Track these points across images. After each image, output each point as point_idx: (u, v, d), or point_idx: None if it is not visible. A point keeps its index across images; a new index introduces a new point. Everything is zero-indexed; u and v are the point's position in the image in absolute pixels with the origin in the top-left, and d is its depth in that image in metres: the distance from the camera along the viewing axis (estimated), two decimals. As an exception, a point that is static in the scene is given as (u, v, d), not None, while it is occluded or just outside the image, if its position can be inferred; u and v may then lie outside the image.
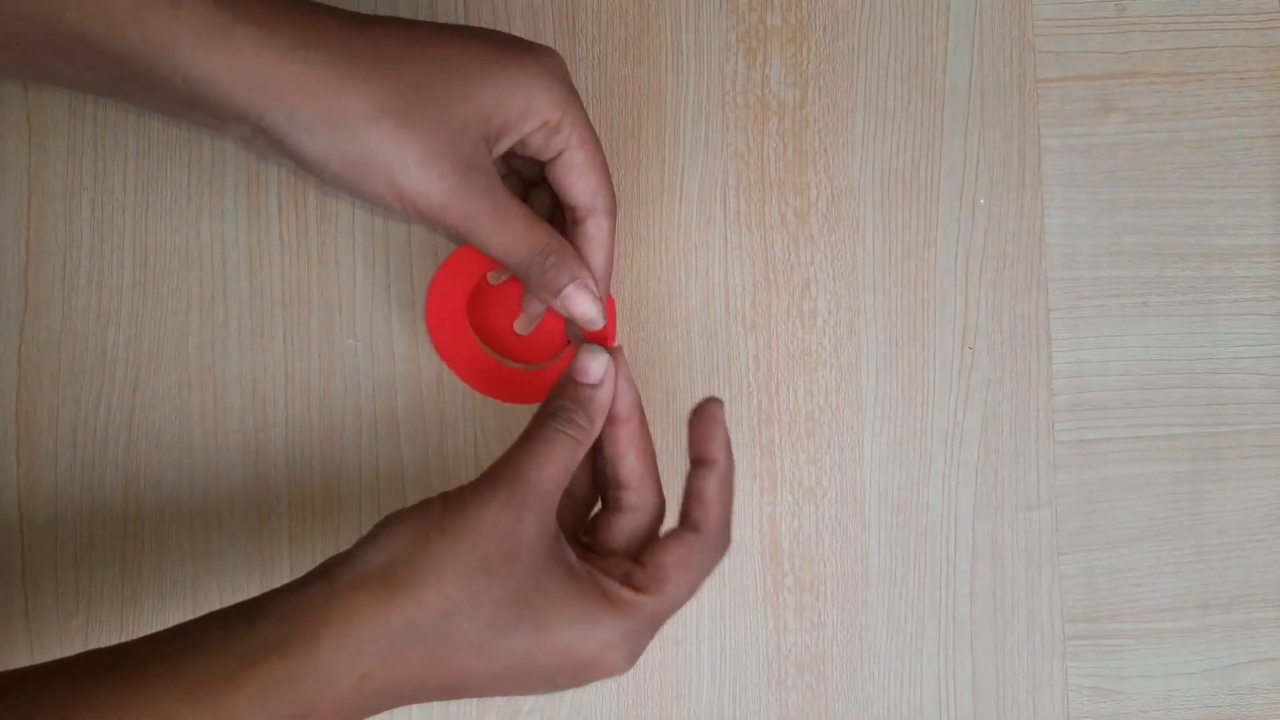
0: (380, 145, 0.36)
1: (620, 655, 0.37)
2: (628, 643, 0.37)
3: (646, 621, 0.37)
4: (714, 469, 0.39)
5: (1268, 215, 0.50)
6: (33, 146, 0.47)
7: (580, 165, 0.40)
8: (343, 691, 0.33)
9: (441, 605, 0.34)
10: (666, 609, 0.37)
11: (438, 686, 0.35)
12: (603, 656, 0.36)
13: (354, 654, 0.33)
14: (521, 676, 0.36)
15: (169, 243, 0.47)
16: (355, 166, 0.37)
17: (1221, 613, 0.50)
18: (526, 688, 0.37)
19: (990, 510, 0.49)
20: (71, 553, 0.46)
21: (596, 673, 0.37)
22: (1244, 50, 0.50)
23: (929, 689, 0.49)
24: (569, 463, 0.37)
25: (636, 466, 0.40)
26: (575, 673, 0.36)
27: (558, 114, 0.39)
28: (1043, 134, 0.50)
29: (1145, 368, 0.50)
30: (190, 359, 0.47)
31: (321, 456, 0.47)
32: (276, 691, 0.32)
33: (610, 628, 0.36)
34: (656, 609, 0.37)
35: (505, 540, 0.35)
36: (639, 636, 0.37)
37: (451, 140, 0.37)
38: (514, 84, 0.38)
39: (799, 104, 0.49)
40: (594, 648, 0.36)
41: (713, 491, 0.39)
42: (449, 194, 0.37)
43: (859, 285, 0.49)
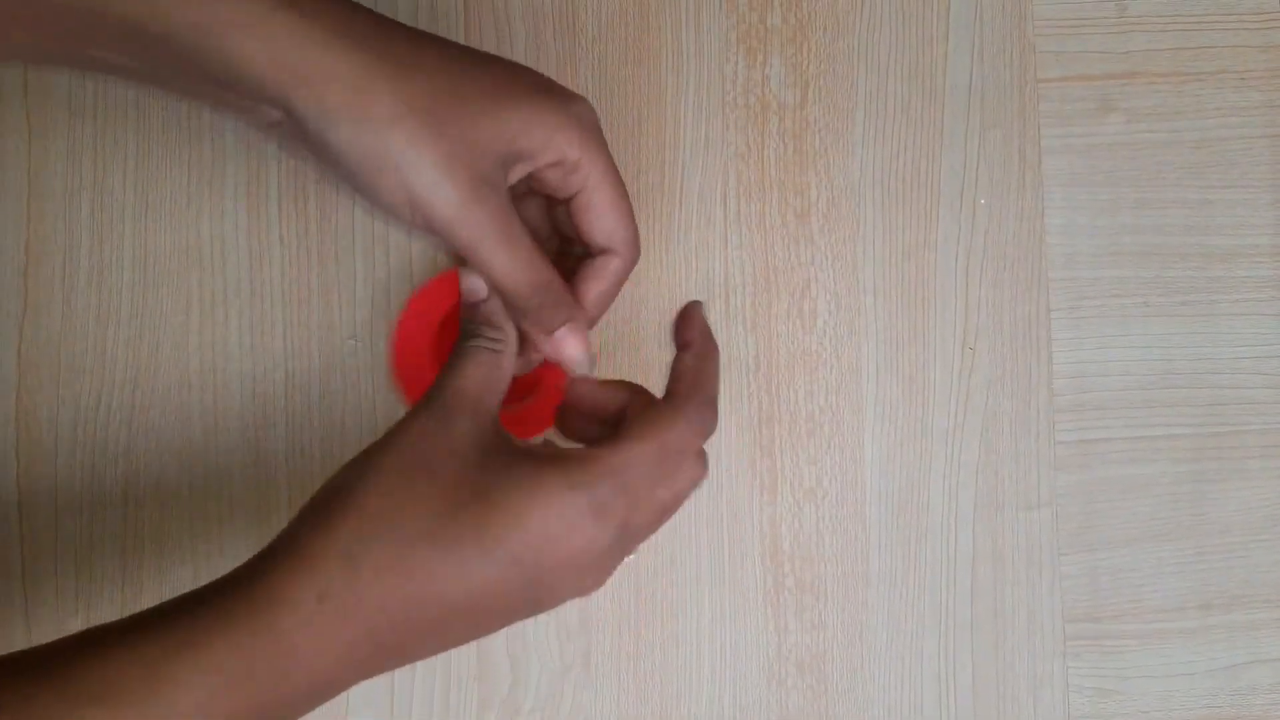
0: (400, 146, 0.36)
1: (581, 513, 0.35)
2: (582, 495, 0.35)
3: (604, 473, 0.35)
4: (688, 349, 0.40)
5: (1268, 215, 0.50)
6: (33, 146, 0.47)
7: (597, 206, 0.40)
8: (304, 617, 0.32)
9: (381, 507, 0.34)
10: (628, 460, 0.36)
11: (406, 600, 0.34)
12: (560, 518, 0.35)
13: (305, 572, 0.33)
14: (484, 560, 0.34)
15: (169, 243, 0.47)
16: (373, 163, 0.36)
17: (1223, 613, 0.49)
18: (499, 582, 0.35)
19: (990, 510, 0.49)
20: (71, 553, 0.46)
21: (565, 545, 0.35)
22: (1244, 50, 0.50)
23: (929, 689, 0.48)
24: (490, 368, 0.37)
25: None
26: (541, 545, 0.35)
27: (576, 153, 0.39)
28: (1043, 134, 0.50)
29: (1146, 368, 0.50)
30: (190, 359, 0.47)
31: (321, 456, 0.47)
32: (237, 619, 0.32)
33: (558, 482, 0.35)
34: (613, 460, 0.36)
35: (436, 441, 0.35)
36: (597, 490, 0.35)
37: (471, 154, 0.37)
38: (539, 117, 0.38)
39: (799, 104, 0.49)
40: (548, 509, 0.35)
41: (684, 365, 0.39)
42: (459, 207, 0.37)
43: (859, 286, 0.49)
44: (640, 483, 0.36)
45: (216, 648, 0.31)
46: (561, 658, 0.47)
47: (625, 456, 0.36)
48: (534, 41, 0.49)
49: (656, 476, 0.37)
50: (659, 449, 0.37)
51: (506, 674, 0.47)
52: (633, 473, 0.36)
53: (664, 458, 0.37)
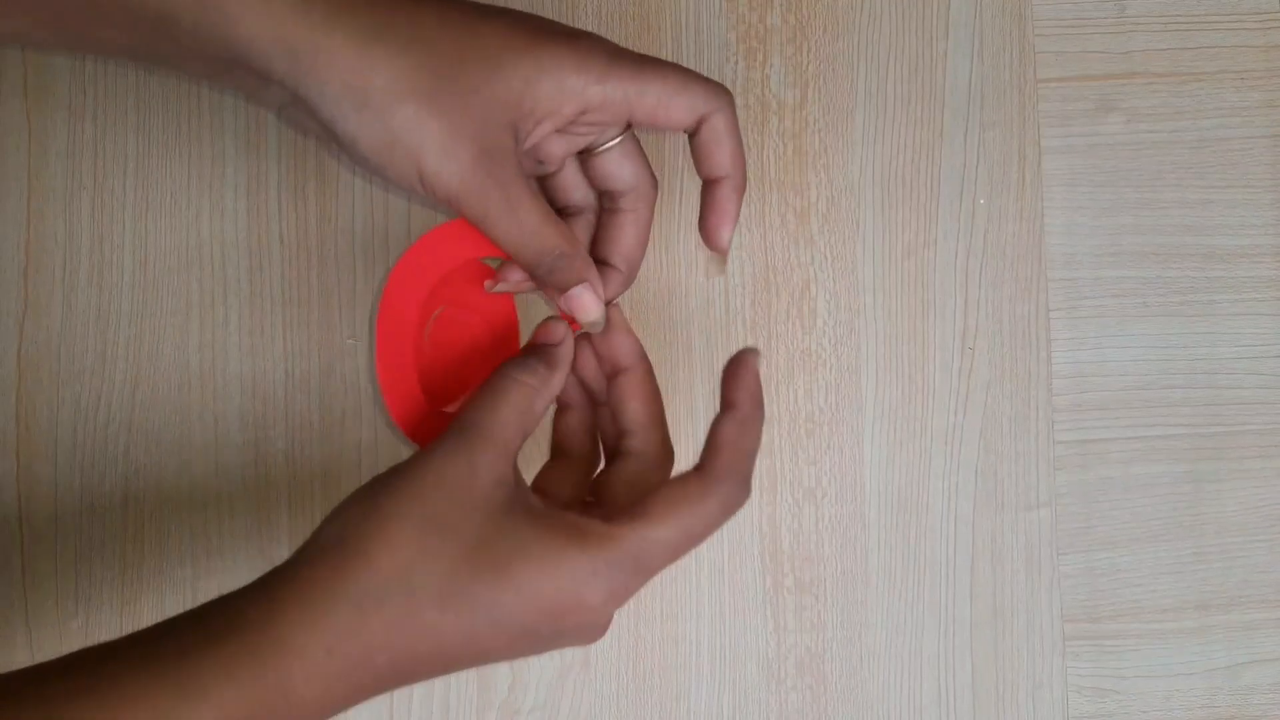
0: (405, 127, 0.36)
1: (595, 593, 0.34)
2: (601, 579, 0.34)
3: (624, 557, 0.34)
4: (732, 414, 0.37)
5: (1268, 215, 0.50)
6: (33, 146, 0.47)
7: (654, 103, 0.39)
8: (310, 667, 0.32)
9: (395, 563, 0.33)
10: (649, 546, 0.35)
11: (413, 655, 0.34)
12: (575, 595, 0.34)
13: (315, 626, 0.32)
14: (494, 627, 0.34)
15: (169, 243, 0.47)
16: (383, 148, 0.36)
17: (1222, 613, 0.49)
18: (506, 645, 0.35)
19: (990, 510, 0.49)
20: (71, 553, 0.46)
21: (571, 616, 0.34)
22: (1244, 50, 0.50)
23: (929, 689, 0.49)
24: (524, 410, 0.37)
25: (639, 412, 0.39)
26: (552, 619, 0.34)
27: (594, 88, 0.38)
28: (1043, 134, 0.50)
29: (1145, 368, 0.50)
30: (190, 359, 0.47)
31: (321, 457, 0.47)
32: (242, 667, 0.31)
33: (578, 561, 0.34)
34: (636, 544, 0.34)
35: (456, 490, 0.34)
36: (615, 573, 0.34)
37: (474, 125, 0.37)
38: (544, 67, 0.37)
39: (799, 104, 0.49)
40: (563, 586, 0.34)
41: (725, 434, 0.36)
42: (462, 180, 0.37)
43: (859, 285, 0.49)
44: (658, 565, 0.35)
45: (223, 698, 0.31)
46: (561, 658, 0.48)
47: (650, 543, 0.35)
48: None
49: (675, 557, 0.36)
50: (684, 536, 0.35)
51: (506, 674, 0.47)
52: (654, 559, 0.35)
53: (688, 542, 0.36)
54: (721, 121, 0.39)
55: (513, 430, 0.36)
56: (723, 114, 0.39)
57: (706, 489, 0.36)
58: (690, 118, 0.39)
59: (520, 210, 0.38)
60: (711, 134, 0.39)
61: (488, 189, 0.37)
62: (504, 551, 0.34)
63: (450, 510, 0.34)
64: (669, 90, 0.38)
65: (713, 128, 0.39)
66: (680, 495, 0.35)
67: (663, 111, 0.39)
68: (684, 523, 0.35)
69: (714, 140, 0.39)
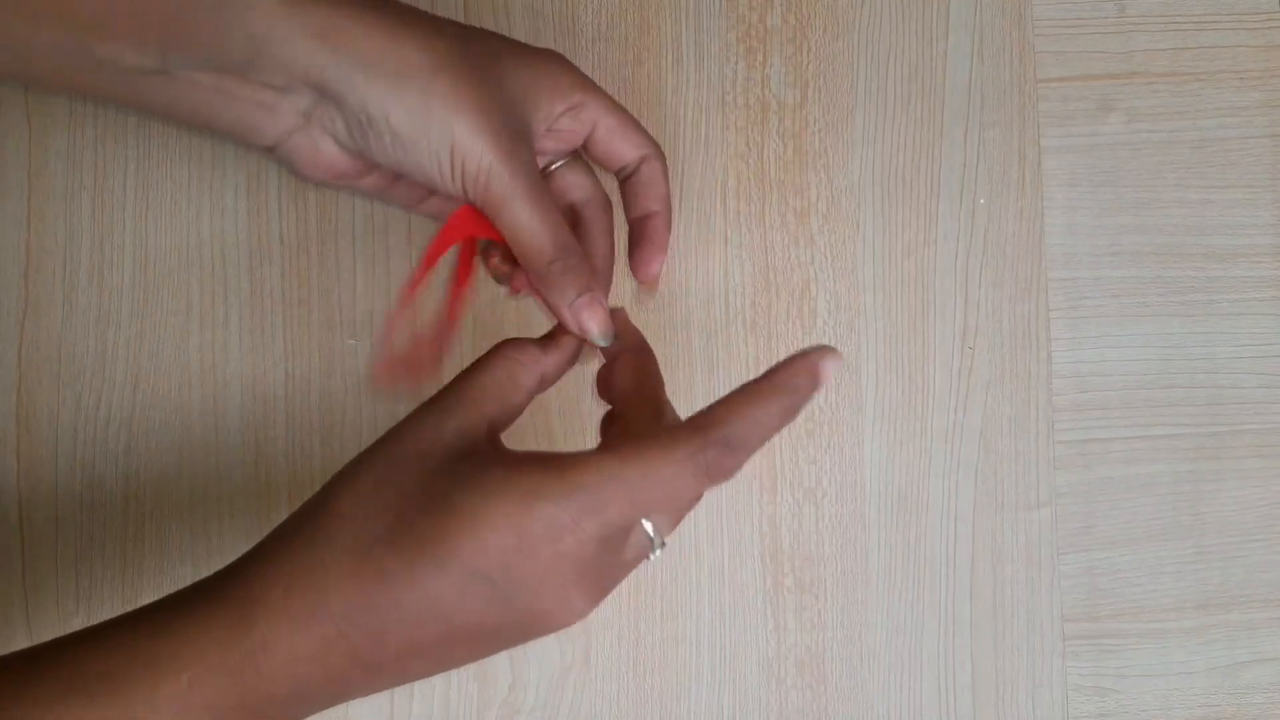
0: (440, 97, 0.37)
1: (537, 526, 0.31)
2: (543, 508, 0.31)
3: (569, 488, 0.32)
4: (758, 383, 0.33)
5: (1268, 215, 0.50)
6: (33, 146, 0.47)
7: (616, 126, 0.42)
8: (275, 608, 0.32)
9: (350, 509, 0.33)
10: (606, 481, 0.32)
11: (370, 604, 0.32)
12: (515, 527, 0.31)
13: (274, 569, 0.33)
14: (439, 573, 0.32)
15: (169, 243, 0.47)
16: (419, 117, 0.37)
17: (1222, 612, 0.50)
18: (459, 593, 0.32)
19: (990, 510, 0.49)
20: (71, 553, 0.46)
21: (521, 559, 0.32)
22: (1244, 50, 0.50)
23: (929, 689, 0.49)
24: (506, 379, 0.36)
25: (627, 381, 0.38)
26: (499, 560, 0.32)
27: (579, 94, 0.40)
28: (1043, 134, 0.50)
29: (1145, 368, 0.50)
30: (190, 359, 0.47)
31: (321, 456, 0.47)
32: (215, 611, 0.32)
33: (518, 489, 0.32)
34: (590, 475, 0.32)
35: (419, 442, 0.34)
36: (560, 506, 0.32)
37: (503, 107, 0.38)
38: (538, 67, 0.40)
39: (799, 104, 0.49)
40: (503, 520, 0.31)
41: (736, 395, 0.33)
42: (495, 160, 0.37)
43: (859, 285, 0.49)
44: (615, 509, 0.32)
45: (195, 640, 0.32)
46: (561, 658, 0.48)
47: (603, 477, 0.32)
48: (534, 41, 0.48)
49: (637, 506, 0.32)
50: (646, 480, 0.32)
51: (506, 674, 0.47)
52: (607, 499, 0.32)
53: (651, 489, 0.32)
54: (660, 166, 0.43)
55: (489, 395, 0.36)
56: (660, 160, 0.43)
57: (677, 437, 0.32)
58: (636, 154, 0.43)
59: (544, 201, 0.39)
60: (651, 174, 0.43)
61: (517, 169, 0.38)
62: (450, 491, 0.32)
63: (407, 458, 0.34)
64: (625, 119, 0.42)
65: (652, 169, 0.43)
66: (650, 439, 0.32)
67: (618, 137, 0.42)
68: (647, 464, 0.32)
69: (652, 181, 0.43)
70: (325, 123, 0.38)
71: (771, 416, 0.34)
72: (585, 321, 0.39)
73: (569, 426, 0.48)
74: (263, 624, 0.32)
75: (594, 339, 0.40)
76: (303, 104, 0.37)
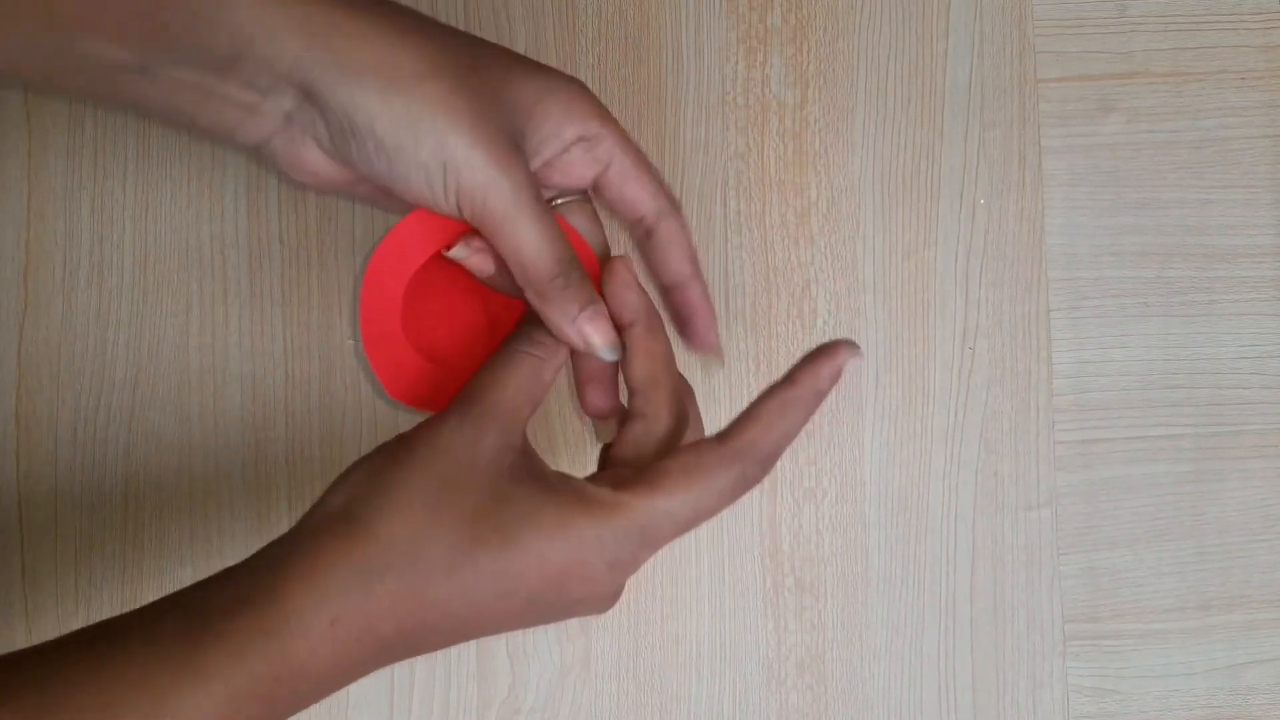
0: (433, 106, 0.34)
1: (600, 562, 0.34)
2: (608, 549, 0.34)
3: (631, 528, 0.34)
4: (783, 389, 0.35)
5: (1268, 215, 0.50)
6: (33, 146, 0.47)
7: (632, 171, 0.38)
8: (317, 640, 0.32)
9: (401, 534, 0.33)
10: (656, 516, 0.34)
11: (420, 625, 0.33)
12: (581, 564, 0.33)
13: (320, 598, 0.32)
14: (500, 597, 0.33)
15: (169, 243, 0.47)
16: (406, 128, 0.34)
17: (1223, 613, 0.49)
18: (512, 614, 0.34)
19: (990, 510, 0.49)
20: (71, 553, 0.46)
21: (578, 585, 0.34)
22: (1244, 50, 0.50)
23: (929, 689, 0.48)
24: (532, 381, 0.36)
25: (642, 370, 0.38)
26: (557, 587, 0.34)
27: (595, 124, 0.38)
28: (1043, 134, 0.50)
29: (1146, 368, 0.50)
30: (190, 359, 0.47)
31: (321, 457, 0.47)
32: (248, 644, 0.31)
33: (585, 530, 0.33)
34: (644, 514, 0.34)
35: (461, 460, 0.34)
36: (622, 543, 0.34)
37: (500, 118, 0.35)
38: (552, 87, 0.37)
39: (799, 104, 0.49)
40: (569, 555, 0.33)
41: (765, 407, 0.35)
42: (494, 172, 0.35)
43: (859, 285, 0.49)
44: (666, 537, 0.35)
45: (226, 673, 0.31)
46: (561, 658, 0.47)
47: (658, 514, 0.34)
48: (534, 41, 0.49)
49: (684, 529, 0.35)
50: (694, 509, 0.34)
51: (506, 674, 0.47)
52: (661, 531, 0.34)
53: (697, 516, 0.35)
54: (679, 221, 0.40)
55: (521, 400, 0.36)
56: (679, 214, 0.40)
57: (723, 463, 0.34)
58: (652, 206, 0.39)
59: (542, 212, 0.36)
60: (672, 232, 0.40)
61: (519, 184, 0.35)
62: (510, 519, 0.33)
63: (456, 479, 0.33)
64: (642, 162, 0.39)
65: (672, 227, 0.40)
66: (694, 466, 0.34)
67: (633, 183, 0.39)
68: (694, 496, 0.34)
69: (674, 240, 0.40)
70: (307, 126, 0.36)
71: (800, 423, 0.35)
72: (590, 336, 0.38)
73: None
74: (304, 655, 0.32)
75: (600, 354, 0.38)
76: (286, 105, 0.35)
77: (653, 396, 0.38)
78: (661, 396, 0.38)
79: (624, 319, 0.38)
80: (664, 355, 0.39)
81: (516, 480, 0.34)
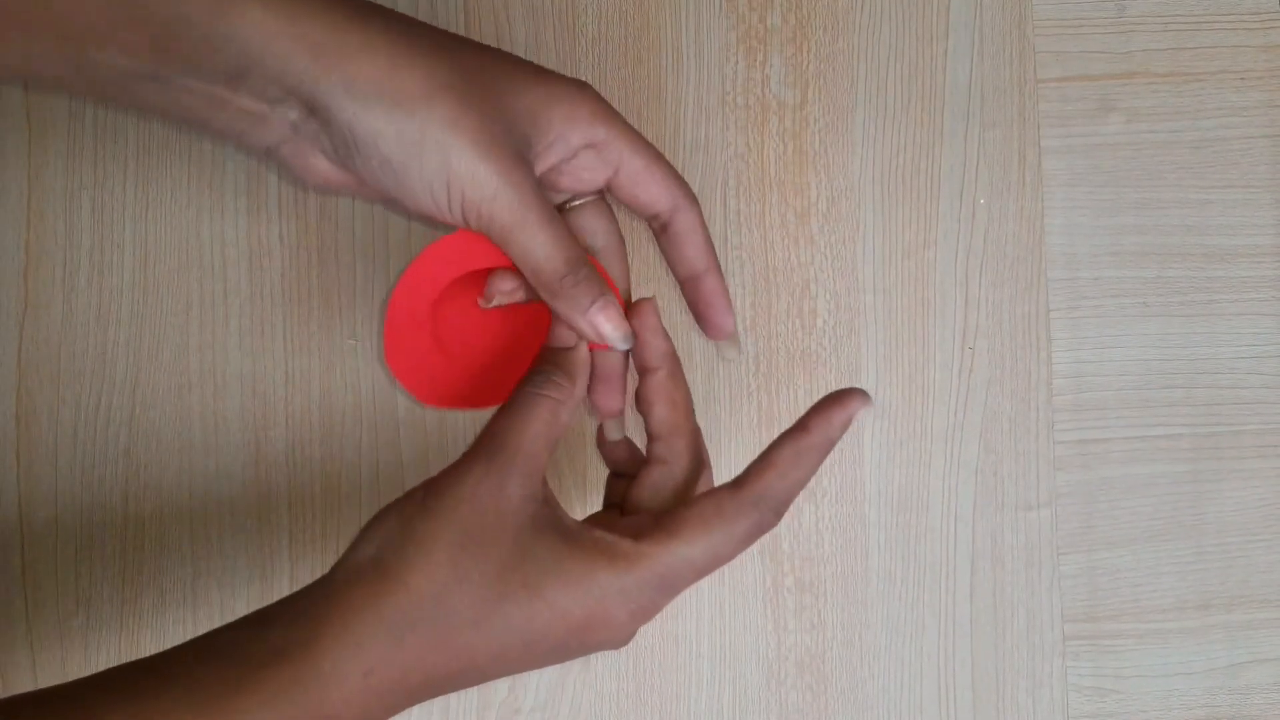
0: (437, 124, 0.35)
1: (619, 611, 0.35)
2: (627, 598, 0.35)
3: (652, 577, 0.35)
4: (798, 437, 0.36)
5: (1268, 215, 0.50)
6: (33, 146, 0.47)
7: (643, 170, 0.39)
8: (349, 692, 0.33)
9: (431, 587, 0.34)
10: (676, 565, 0.35)
11: (447, 673, 0.34)
12: (604, 614, 0.35)
13: (354, 651, 0.33)
14: (526, 647, 0.35)
15: (169, 243, 0.47)
16: (410, 146, 0.35)
17: (1222, 613, 0.50)
18: (535, 659, 0.35)
19: (990, 510, 0.49)
20: (71, 553, 0.46)
21: (599, 632, 0.35)
22: (1244, 50, 0.50)
23: (929, 689, 0.49)
24: (550, 424, 0.36)
25: (664, 417, 0.39)
26: (579, 635, 0.35)
27: (602, 128, 0.38)
28: (1043, 134, 0.50)
29: (1145, 368, 0.50)
30: (190, 359, 0.47)
31: (321, 456, 0.47)
32: (284, 696, 0.32)
33: (607, 581, 0.34)
34: (664, 563, 0.35)
35: (487, 511, 0.34)
36: (643, 592, 0.35)
37: (505, 130, 0.36)
38: (558, 94, 0.37)
39: (799, 104, 0.49)
40: (592, 605, 0.34)
41: (780, 455, 0.36)
42: (499, 185, 0.35)
43: (859, 285, 0.49)
44: (685, 584, 0.36)
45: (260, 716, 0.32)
46: (561, 657, 0.48)
47: (678, 562, 0.35)
48: (534, 41, 0.49)
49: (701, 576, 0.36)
50: (712, 557, 0.35)
51: (506, 674, 0.47)
52: (681, 579, 0.35)
53: (715, 562, 0.36)
54: (696, 213, 0.40)
55: (540, 445, 0.36)
56: (695, 207, 0.40)
57: (740, 511, 0.35)
58: (668, 201, 0.40)
59: (551, 219, 0.37)
60: (688, 225, 0.40)
61: (524, 195, 0.36)
62: (534, 572, 0.34)
63: (482, 532, 0.34)
64: (654, 159, 0.39)
65: (688, 219, 0.40)
66: (713, 514, 0.35)
67: (646, 181, 0.39)
68: (713, 543, 0.35)
69: (691, 232, 0.40)
70: (313, 138, 0.36)
71: (813, 469, 0.36)
72: (602, 326, 0.38)
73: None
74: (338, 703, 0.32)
75: (613, 344, 0.39)
76: (292, 116, 0.36)
77: (673, 443, 0.39)
78: (682, 443, 0.39)
79: (649, 364, 0.39)
80: (685, 403, 0.40)
81: (539, 532, 0.35)
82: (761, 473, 0.36)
